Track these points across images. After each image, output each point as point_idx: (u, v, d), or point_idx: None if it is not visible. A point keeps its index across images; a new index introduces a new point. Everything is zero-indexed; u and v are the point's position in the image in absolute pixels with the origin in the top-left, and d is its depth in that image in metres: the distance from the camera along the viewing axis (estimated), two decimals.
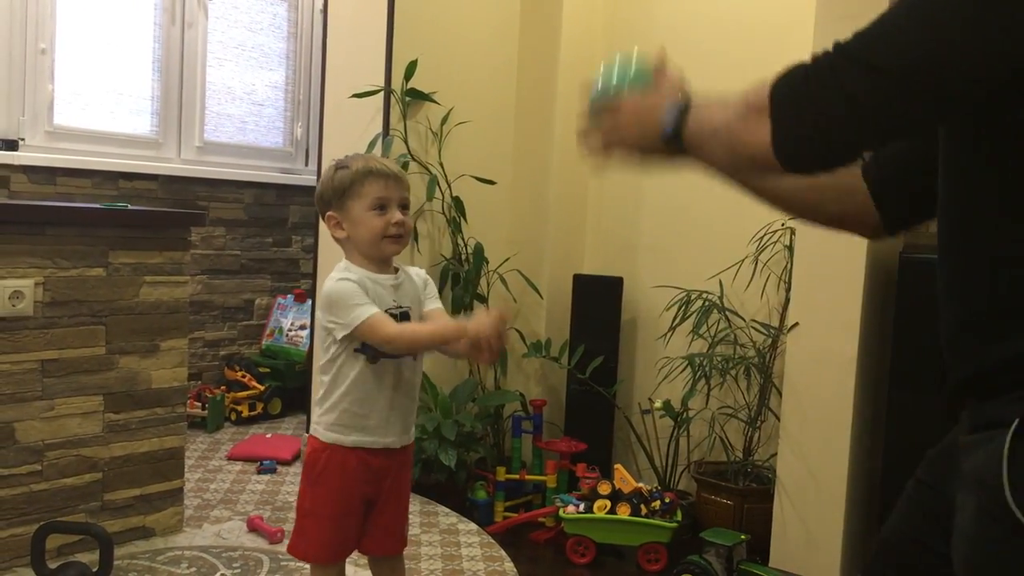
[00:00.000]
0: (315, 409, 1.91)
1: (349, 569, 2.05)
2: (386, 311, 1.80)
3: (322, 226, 3.49)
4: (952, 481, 1.05)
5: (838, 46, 0.95)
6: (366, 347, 1.81)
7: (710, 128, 1.08)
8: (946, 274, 1.06)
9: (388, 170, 1.83)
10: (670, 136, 1.11)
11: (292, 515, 2.97)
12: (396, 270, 1.88)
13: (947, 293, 1.06)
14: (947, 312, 1.07)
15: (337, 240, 1.88)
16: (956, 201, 1.03)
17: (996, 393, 0.98)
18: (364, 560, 2.13)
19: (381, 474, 1.88)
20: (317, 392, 1.91)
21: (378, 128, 3.25)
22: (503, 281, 3.40)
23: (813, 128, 0.96)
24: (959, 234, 1.03)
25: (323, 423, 1.86)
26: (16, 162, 3.63)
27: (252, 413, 4.15)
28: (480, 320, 1.72)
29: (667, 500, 2.80)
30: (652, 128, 1.13)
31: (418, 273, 1.95)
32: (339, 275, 1.82)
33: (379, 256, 1.84)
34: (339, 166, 1.86)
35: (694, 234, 3.28)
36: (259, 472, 3.43)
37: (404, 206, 1.84)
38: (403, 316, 1.84)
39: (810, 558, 2.62)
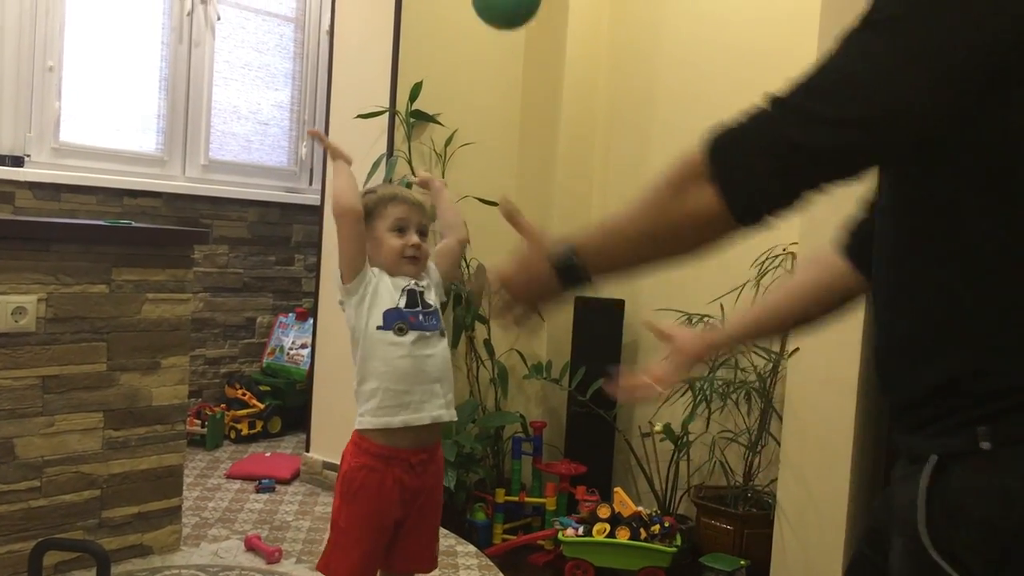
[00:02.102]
0: (358, 404, 1.93)
1: None
2: (405, 288, 1.91)
3: (325, 245, 3.52)
4: (890, 520, 1.04)
5: (776, 99, 0.93)
6: (390, 321, 1.87)
7: (623, 234, 1.05)
8: (876, 302, 1.07)
9: (410, 197, 1.98)
10: (567, 269, 1.09)
11: (290, 534, 2.97)
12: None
13: (876, 320, 1.07)
14: (877, 338, 1.07)
15: None
16: (884, 233, 1.03)
17: (921, 425, 0.98)
18: None
19: (415, 494, 1.92)
20: (356, 391, 1.94)
21: (382, 149, 3.26)
22: None
23: (767, 179, 0.93)
24: (888, 262, 1.03)
25: (369, 411, 1.89)
26: (22, 178, 3.65)
27: (252, 431, 4.15)
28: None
29: (667, 524, 2.79)
30: (543, 273, 1.13)
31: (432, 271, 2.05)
32: None
33: (397, 275, 1.93)
34: (367, 191, 2.00)
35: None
36: (258, 491, 3.42)
37: (422, 232, 1.96)
38: (423, 296, 1.93)
39: None
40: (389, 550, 1.95)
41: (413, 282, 1.93)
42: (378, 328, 1.87)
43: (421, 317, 1.91)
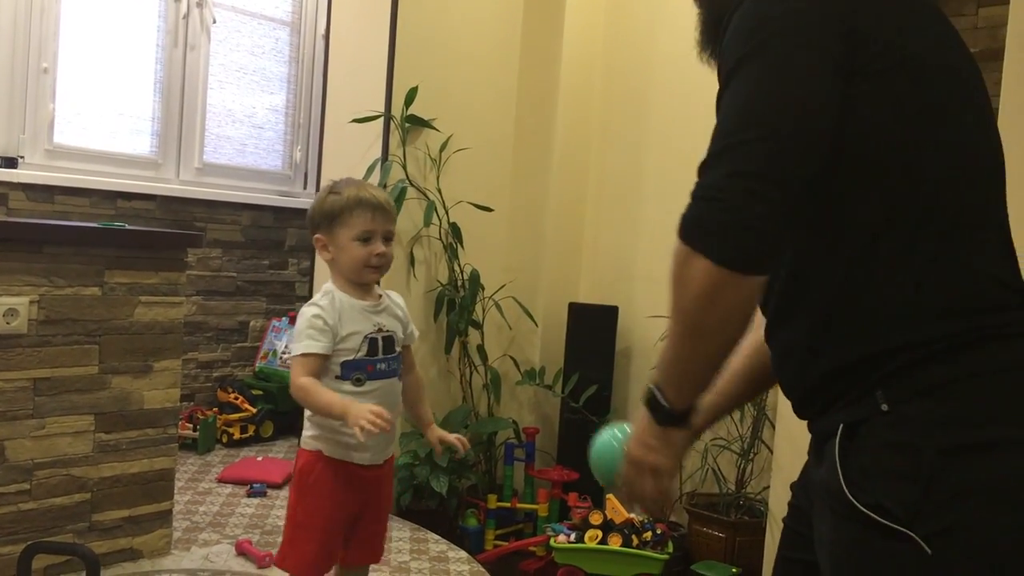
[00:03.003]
0: (305, 421, 1.95)
1: None
2: (367, 336, 1.88)
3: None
4: (811, 498, 1.16)
5: (699, 166, 1.04)
6: (348, 372, 1.87)
7: (674, 349, 1.11)
8: (767, 327, 1.19)
9: (376, 201, 1.90)
10: (671, 415, 1.14)
11: (280, 539, 2.96)
12: (379, 296, 1.96)
13: (768, 341, 1.19)
14: (772, 355, 1.19)
15: (323, 258, 1.97)
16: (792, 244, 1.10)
17: (826, 408, 1.10)
18: None
19: (369, 486, 1.94)
20: (307, 412, 1.95)
21: (377, 153, 3.26)
22: (498, 308, 3.41)
23: (734, 219, 1.00)
24: (770, 286, 1.11)
25: (311, 437, 1.92)
26: (15, 179, 3.64)
27: (244, 435, 4.13)
28: (359, 410, 1.75)
29: (659, 531, 2.79)
30: (658, 434, 1.16)
31: (399, 299, 2.03)
32: (315, 299, 1.91)
33: (359, 281, 1.92)
34: (331, 191, 1.94)
35: None
36: (249, 495, 3.41)
37: (388, 238, 1.92)
38: (387, 340, 1.92)
39: None
40: (344, 542, 1.97)
41: (377, 327, 1.90)
42: (336, 378, 1.87)
43: (380, 365, 1.90)
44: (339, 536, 1.94)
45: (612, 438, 1.27)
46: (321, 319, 1.84)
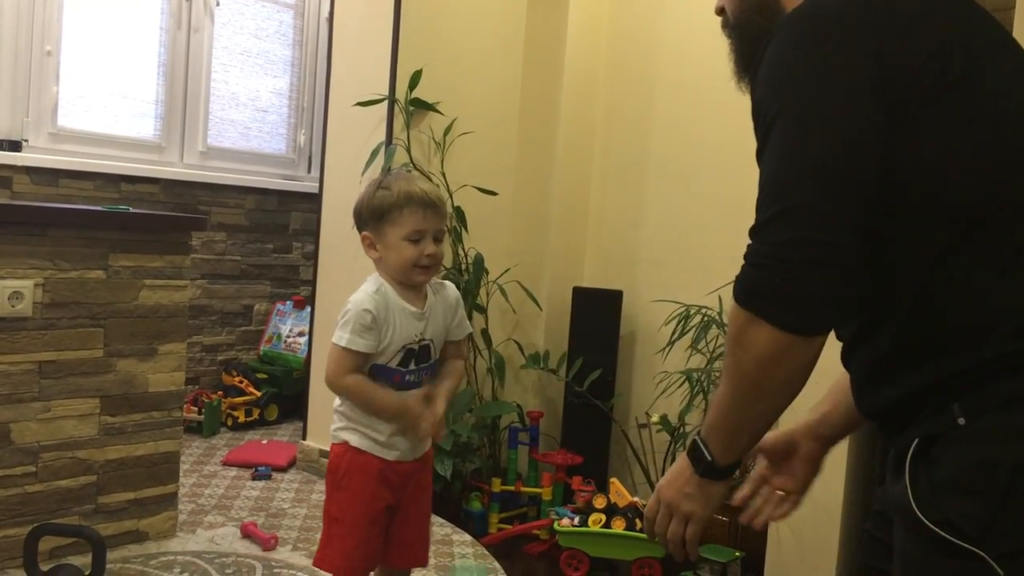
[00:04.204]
0: (335, 416, 1.90)
1: None
2: (405, 346, 1.82)
3: (323, 233, 3.52)
4: (890, 508, 1.14)
5: (751, 231, 1.05)
6: (376, 376, 1.82)
7: (725, 409, 1.11)
8: (845, 339, 1.18)
9: (428, 198, 1.81)
10: (714, 469, 1.14)
11: (286, 521, 2.97)
12: (425, 297, 1.88)
13: (846, 354, 1.19)
14: (851, 369, 1.19)
15: (370, 257, 1.88)
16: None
17: (905, 425, 1.08)
18: None
19: (404, 478, 1.88)
20: (336, 404, 1.90)
21: (381, 137, 3.25)
22: (502, 292, 3.40)
23: (796, 283, 1.00)
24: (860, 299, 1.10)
25: (337, 426, 1.87)
26: (19, 163, 3.63)
27: (248, 419, 4.15)
28: (414, 419, 1.79)
29: None
30: (697, 484, 1.16)
31: (451, 293, 1.94)
32: (367, 289, 1.83)
33: (407, 282, 1.84)
34: (380, 185, 1.84)
35: (694, 249, 3.29)
36: (254, 478, 3.43)
37: (438, 237, 1.84)
38: (423, 350, 1.86)
39: None
40: (385, 542, 1.91)
41: (419, 336, 1.84)
42: (372, 376, 1.83)
43: (409, 377, 1.85)
44: (378, 532, 1.87)
45: None
46: (371, 315, 1.77)
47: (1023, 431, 0.98)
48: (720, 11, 1.34)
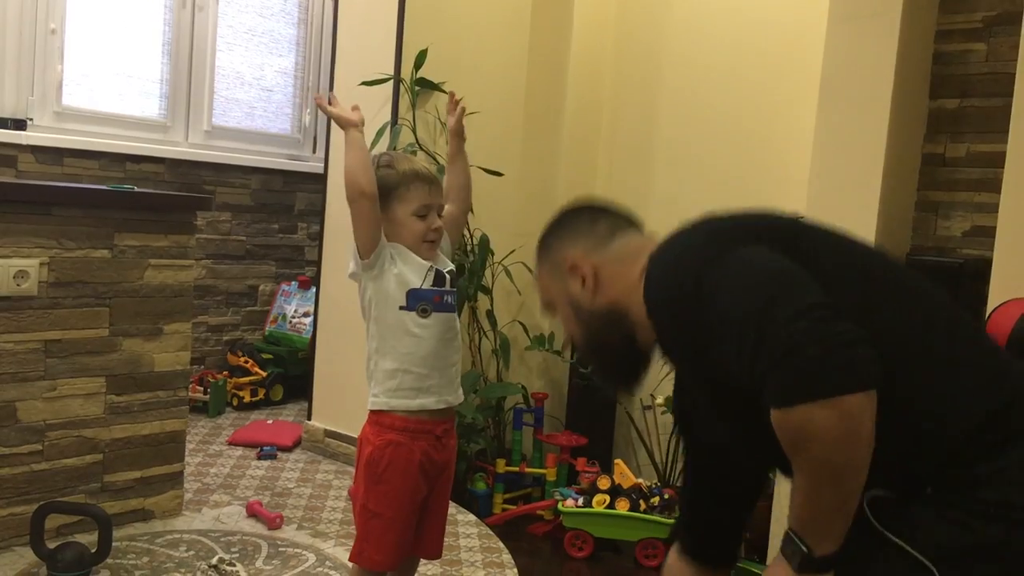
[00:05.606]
0: (373, 383, 1.88)
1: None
2: (433, 266, 1.85)
3: (328, 213, 3.51)
4: None
5: (753, 351, 1.06)
6: (414, 302, 1.82)
7: (819, 503, 1.09)
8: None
9: (431, 175, 1.88)
10: (819, 562, 1.11)
11: (291, 501, 2.98)
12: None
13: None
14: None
15: None
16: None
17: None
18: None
19: (440, 468, 1.89)
20: (368, 368, 1.89)
21: (387, 117, 3.24)
22: (508, 273, 3.40)
23: (833, 343, 1.01)
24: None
25: (385, 392, 1.84)
26: (24, 142, 3.63)
27: (254, 399, 4.16)
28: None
29: (666, 496, 2.80)
30: None
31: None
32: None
33: (416, 256, 1.87)
34: (383, 164, 1.87)
35: None
36: (259, 458, 3.44)
37: (440, 212, 1.90)
38: (451, 274, 1.89)
39: None
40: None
41: (430, 266, 1.86)
42: (400, 308, 1.82)
43: (446, 298, 1.86)
44: (414, 523, 1.87)
45: None
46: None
47: (986, 511, 1.05)
48: (549, 306, 1.51)
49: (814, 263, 1.12)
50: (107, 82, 3.96)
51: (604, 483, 2.83)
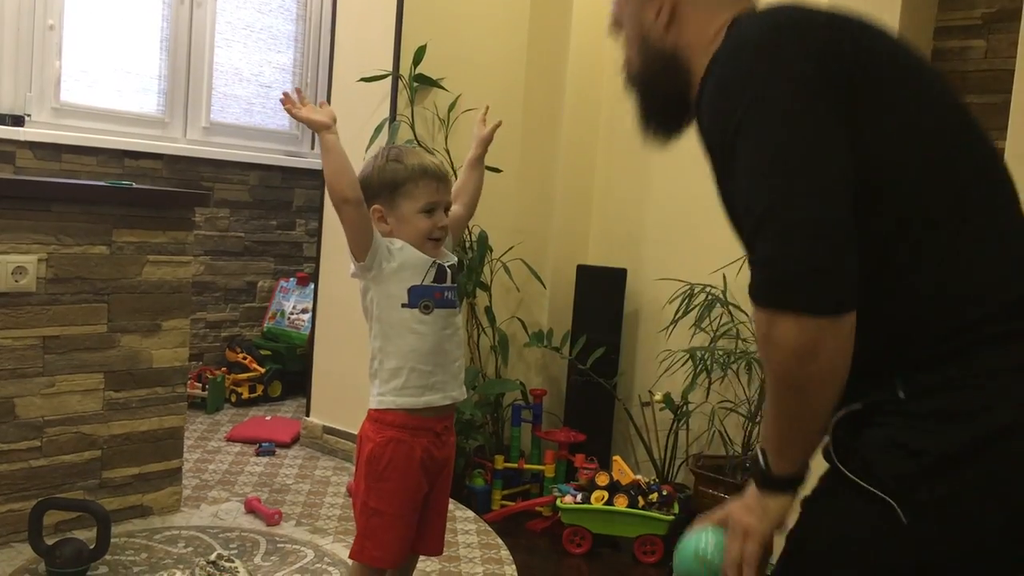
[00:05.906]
0: (375, 383, 1.85)
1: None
2: (435, 261, 1.83)
3: (327, 210, 3.50)
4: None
5: (750, 236, 1.05)
6: (416, 299, 1.80)
7: (775, 416, 1.09)
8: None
9: (441, 171, 1.84)
10: (769, 480, 1.12)
11: (289, 497, 2.98)
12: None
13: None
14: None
15: (380, 231, 1.85)
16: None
17: (850, 400, 1.09)
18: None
19: (440, 465, 1.88)
20: (372, 367, 1.86)
21: (385, 113, 3.23)
22: (506, 270, 3.40)
23: (807, 268, 0.99)
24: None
25: (390, 391, 1.82)
26: (22, 138, 3.62)
27: (252, 395, 4.16)
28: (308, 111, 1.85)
29: (664, 493, 2.80)
30: (756, 496, 1.15)
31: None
32: None
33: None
34: (391, 158, 1.84)
35: (699, 227, 3.27)
36: (258, 454, 3.44)
37: (447, 210, 1.86)
38: (452, 269, 1.87)
39: None
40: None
41: (433, 262, 1.84)
42: (403, 306, 1.79)
43: (447, 294, 1.84)
44: (415, 521, 1.86)
45: (696, 547, 1.21)
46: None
47: (954, 417, 1.00)
48: (617, 24, 1.40)
49: (875, 124, 1.06)
50: (105, 78, 3.95)
51: (602, 479, 2.83)
